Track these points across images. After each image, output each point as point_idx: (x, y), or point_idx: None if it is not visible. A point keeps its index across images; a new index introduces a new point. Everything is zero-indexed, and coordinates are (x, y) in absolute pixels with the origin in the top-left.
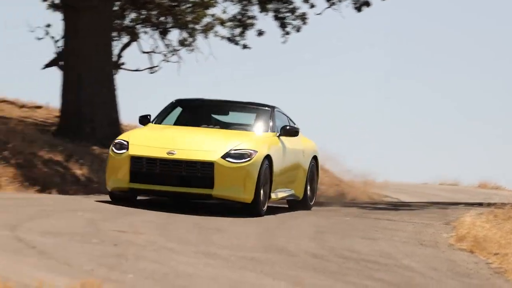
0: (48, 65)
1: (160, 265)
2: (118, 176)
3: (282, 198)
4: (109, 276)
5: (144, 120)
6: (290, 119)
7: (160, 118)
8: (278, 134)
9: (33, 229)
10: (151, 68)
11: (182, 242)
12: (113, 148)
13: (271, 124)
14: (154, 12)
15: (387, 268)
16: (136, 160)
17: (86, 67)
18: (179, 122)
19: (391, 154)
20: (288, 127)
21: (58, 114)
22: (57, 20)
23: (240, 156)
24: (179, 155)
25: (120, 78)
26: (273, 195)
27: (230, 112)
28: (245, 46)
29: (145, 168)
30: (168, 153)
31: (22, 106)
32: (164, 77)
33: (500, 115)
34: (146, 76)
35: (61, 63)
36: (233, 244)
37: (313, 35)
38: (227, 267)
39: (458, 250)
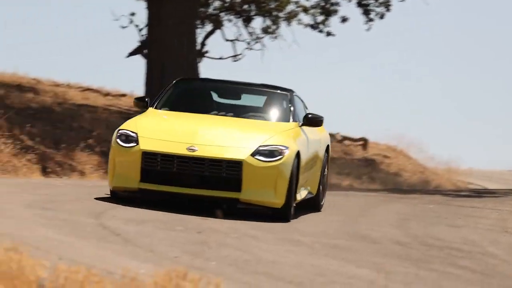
0: (132, 54)
1: (243, 252)
2: (125, 174)
3: (304, 198)
4: (193, 264)
5: (141, 103)
6: (305, 105)
7: (162, 102)
8: (300, 124)
9: (117, 216)
10: (234, 56)
11: (264, 230)
12: (118, 140)
13: (292, 111)
14: (237, 0)
15: (471, 256)
16: (149, 157)
17: (170, 55)
18: (183, 106)
19: (477, 140)
20: (311, 116)
21: None
22: (141, 9)
23: (270, 153)
24: (202, 152)
25: (204, 66)
26: (297, 196)
27: (242, 96)
28: (329, 33)
29: (159, 166)
30: (189, 149)
31: (107, 94)
32: (248, 65)
33: None
34: (230, 64)
35: (145, 51)
36: (315, 232)
37: (397, 22)
38: (310, 254)
39: None
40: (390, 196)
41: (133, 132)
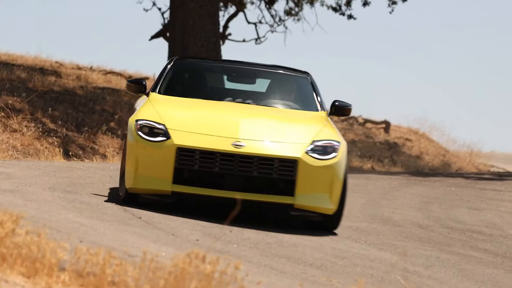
0: (154, 37)
1: (264, 235)
2: (153, 174)
3: None
4: (214, 247)
5: (136, 86)
6: None
7: (164, 86)
8: (328, 113)
9: (139, 199)
10: (257, 39)
11: (286, 212)
12: (141, 133)
13: (318, 98)
14: None
15: (492, 239)
16: (185, 154)
17: (192, 38)
18: (191, 91)
19: (499, 123)
20: (338, 104)
21: None
22: None
23: (323, 150)
24: (249, 148)
25: (226, 49)
26: None
27: (256, 80)
28: (350, 16)
29: (197, 165)
30: (234, 145)
31: (129, 77)
32: (270, 48)
33: None
34: (252, 46)
35: (168, 34)
36: None
37: (418, 4)
38: (332, 237)
39: None
40: (412, 179)
41: (159, 123)
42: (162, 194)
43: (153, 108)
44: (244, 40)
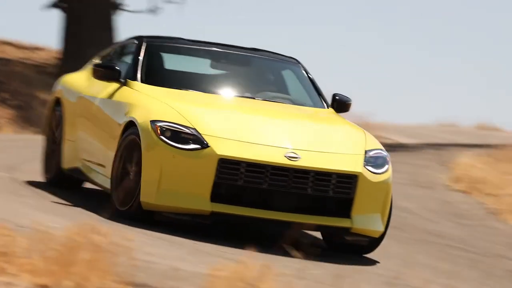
0: (49, 6)
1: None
2: (185, 189)
3: None
4: (107, 218)
5: (110, 73)
6: None
7: (145, 74)
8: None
9: (31, 170)
10: (153, 10)
11: None
12: (164, 138)
13: (320, 91)
14: None
15: None
16: (228, 166)
17: (86, 8)
18: (185, 82)
19: (389, 94)
20: (339, 98)
21: (58, 56)
22: None
23: (375, 162)
24: (306, 160)
25: (122, 21)
26: None
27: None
28: None
29: (243, 180)
30: (288, 156)
31: (22, 48)
32: (167, 19)
33: (497, 56)
34: (148, 18)
35: (62, 4)
36: None
37: None
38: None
39: (453, 191)
40: None
41: (187, 127)
42: (196, 215)
43: (166, 105)
44: (139, 11)
